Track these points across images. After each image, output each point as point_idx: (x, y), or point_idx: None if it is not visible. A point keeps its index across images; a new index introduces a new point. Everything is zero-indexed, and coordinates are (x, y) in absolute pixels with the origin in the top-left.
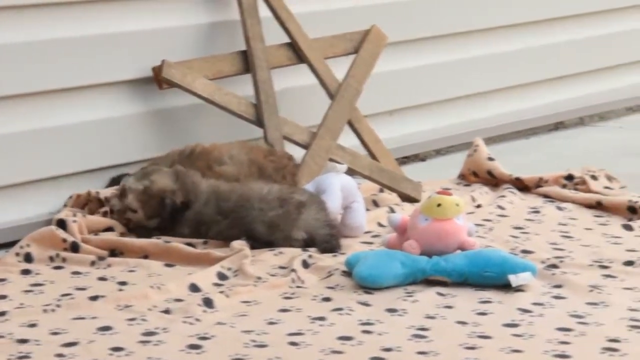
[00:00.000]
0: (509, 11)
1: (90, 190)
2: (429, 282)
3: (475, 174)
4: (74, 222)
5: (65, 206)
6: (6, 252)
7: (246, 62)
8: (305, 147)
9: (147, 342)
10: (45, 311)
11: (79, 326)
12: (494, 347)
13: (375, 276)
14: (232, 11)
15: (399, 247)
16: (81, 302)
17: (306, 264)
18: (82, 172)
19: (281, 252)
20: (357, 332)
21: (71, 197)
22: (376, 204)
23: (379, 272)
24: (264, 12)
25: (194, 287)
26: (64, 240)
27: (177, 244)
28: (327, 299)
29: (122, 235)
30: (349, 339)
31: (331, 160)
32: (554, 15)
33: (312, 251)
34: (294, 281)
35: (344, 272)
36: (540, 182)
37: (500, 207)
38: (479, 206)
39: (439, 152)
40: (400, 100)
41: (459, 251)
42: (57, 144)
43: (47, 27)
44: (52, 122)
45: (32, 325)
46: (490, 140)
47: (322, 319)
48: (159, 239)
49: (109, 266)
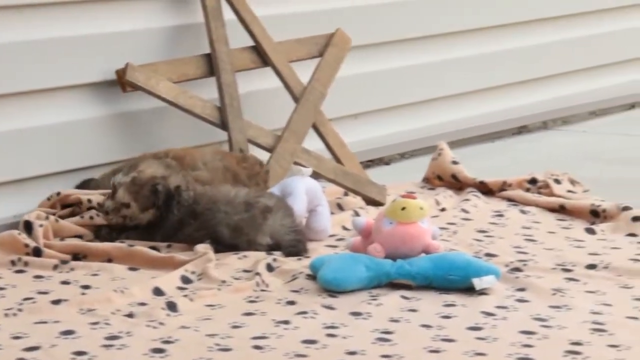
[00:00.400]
0: (472, 16)
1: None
2: (394, 286)
3: (439, 178)
4: (40, 226)
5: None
6: None
7: (210, 65)
8: (269, 150)
9: (110, 346)
10: (6, 315)
11: (41, 330)
12: (458, 350)
13: (339, 280)
14: (196, 14)
15: (363, 251)
16: (43, 306)
17: (271, 268)
18: (46, 175)
19: (245, 256)
20: (322, 335)
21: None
22: (341, 207)
23: (344, 276)
24: (229, 15)
25: (158, 291)
26: (26, 245)
27: (140, 247)
28: (291, 303)
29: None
30: (313, 342)
31: (296, 163)
32: (517, 19)
33: (277, 255)
34: (258, 285)
35: (308, 275)
36: (504, 186)
37: (464, 211)
38: (443, 210)
39: (403, 156)
40: (365, 103)
41: (423, 254)
42: (21, 146)
43: (10, 30)
44: (15, 124)
45: None
46: (454, 144)
47: (286, 322)
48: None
49: (72, 270)
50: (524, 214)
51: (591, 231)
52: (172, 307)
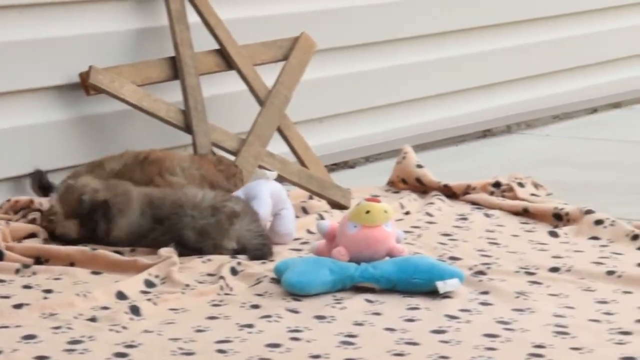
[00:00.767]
0: (436, 19)
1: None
2: (358, 289)
3: (404, 181)
4: None
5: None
6: None
7: (175, 69)
8: (234, 153)
9: (73, 350)
10: None
11: (2, 335)
12: (422, 353)
13: (303, 283)
14: (160, 17)
15: (327, 254)
16: (5, 311)
17: (235, 271)
18: (7, 179)
19: (210, 260)
20: (286, 339)
21: (9, 201)
22: (305, 211)
23: (308, 279)
24: (193, 18)
25: (121, 295)
26: None
27: (104, 251)
28: (255, 306)
29: (46, 242)
30: (277, 346)
31: (260, 167)
32: (481, 24)
33: (241, 258)
34: (222, 288)
35: (272, 279)
36: (468, 189)
37: (428, 214)
38: (408, 213)
39: (368, 160)
40: (329, 107)
41: (388, 258)
42: None
43: None
44: None
45: None
46: (419, 147)
47: (250, 326)
48: (85, 246)
49: (34, 274)
50: (488, 217)
51: (554, 234)
52: (135, 311)
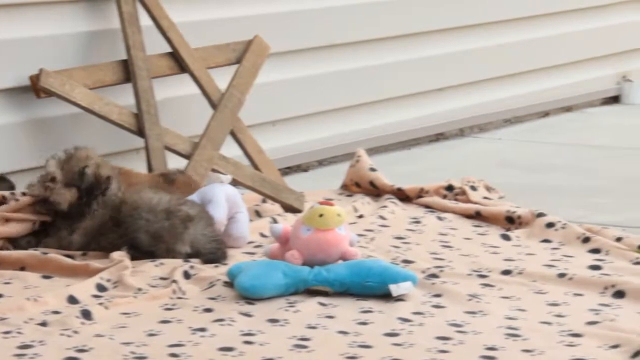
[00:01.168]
0: (389, 24)
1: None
2: (311, 292)
3: (357, 185)
4: None
5: None
6: None
7: (127, 72)
8: (187, 157)
9: (23, 355)
10: None
11: None
12: (375, 356)
13: (257, 286)
14: (112, 20)
15: (281, 258)
16: None
17: (187, 275)
18: None
19: (162, 263)
20: (239, 342)
21: None
22: (259, 214)
23: (261, 283)
24: (145, 21)
25: (72, 299)
26: None
27: (55, 255)
28: (208, 310)
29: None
30: (230, 349)
31: (213, 170)
32: (434, 28)
33: (194, 262)
34: (175, 292)
35: (225, 282)
36: (421, 193)
37: (381, 217)
38: (361, 216)
39: (321, 163)
40: (283, 110)
41: (341, 261)
42: None
43: None
44: None
45: None
46: (372, 150)
47: (203, 330)
48: (36, 250)
49: None
50: (441, 220)
51: (506, 237)
52: (86, 315)
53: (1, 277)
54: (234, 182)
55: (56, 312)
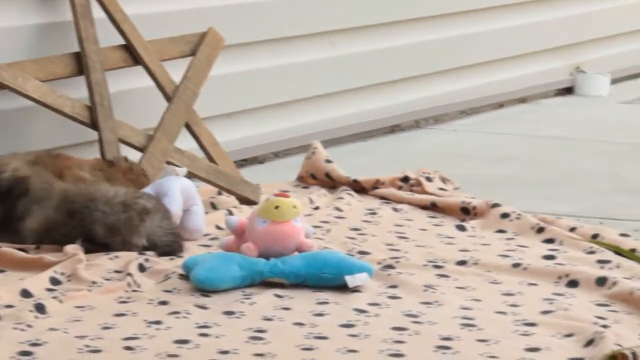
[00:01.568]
0: (346, 15)
1: None
2: (267, 284)
3: (313, 176)
4: None
5: None
6: None
7: (80, 64)
8: (141, 150)
9: None
10: None
11: None
12: (331, 347)
13: (212, 279)
14: (64, 12)
15: (236, 250)
16: None
17: (143, 268)
18: None
19: (117, 257)
20: (194, 335)
21: None
22: (214, 206)
23: (217, 275)
24: (98, 13)
25: (26, 293)
26: None
27: (8, 248)
28: (163, 303)
29: None
30: (185, 342)
31: (168, 163)
32: (389, 19)
33: (149, 255)
34: (129, 285)
35: (181, 275)
36: (377, 184)
37: (337, 209)
38: (317, 208)
39: (277, 155)
40: (238, 103)
41: (297, 253)
42: None
43: None
44: None
45: None
46: (328, 142)
47: (158, 322)
48: None
49: None
50: (397, 211)
51: (461, 228)
52: (40, 309)
53: None
54: (189, 175)
55: (9, 306)
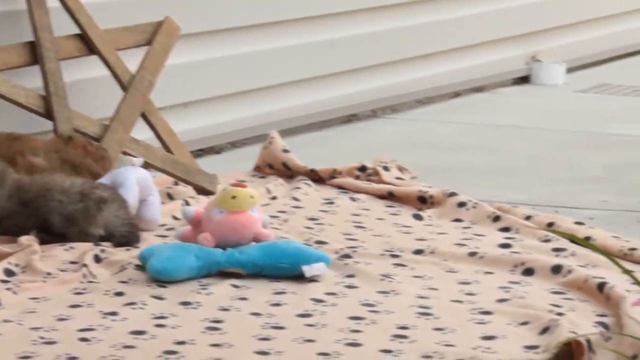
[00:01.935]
0: (299, 5)
1: None
2: (224, 275)
3: (270, 166)
4: None
5: None
6: None
7: (34, 53)
8: (97, 140)
9: None
10: None
11: None
12: (288, 337)
13: (169, 269)
14: (18, 1)
15: (193, 240)
16: None
17: (98, 259)
18: None
19: (72, 247)
20: (150, 326)
21: None
22: (171, 196)
23: (173, 266)
24: (53, 2)
25: None
26: None
27: None
28: (119, 294)
29: None
30: (141, 333)
31: (124, 153)
32: (344, 9)
33: (105, 246)
34: (85, 276)
35: (137, 266)
36: (334, 174)
37: (295, 199)
38: (274, 198)
39: (234, 145)
40: (194, 92)
41: (254, 243)
42: None
43: None
44: None
45: None
46: (285, 132)
47: (114, 313)
48: None
49: None
50: (354, 201)
51: (418, 217)
52: None
53: None
54: (146, 165)
55: None
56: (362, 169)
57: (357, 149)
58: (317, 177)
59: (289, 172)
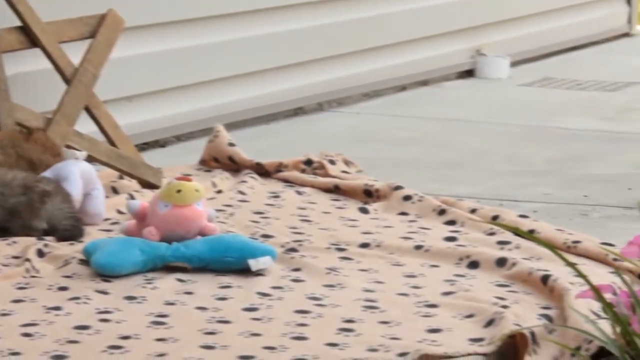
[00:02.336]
0: None
1: None
2: (169, 269)
3: (216, 160)
4: None
5: None
6: None
7: None
8: None
9: None
10: None
11: None
12: (233, 331)
13: (113, 264)
14: None
15: (138, 234)
16: None
17: (41, 253)
18: None
19: (15, 242)
20: (95, 320)
21: None
22: (115, 190)
23: (118, 260)
24: None
25: None
26: None
27: None
28: (63, 288)
29: None
30: (85, 327)
31: (68, 147)
32: (294, 2)
33: (49, 240)
34: (28, 271)
35: (81, 260)
36: (280, 167)
37: (241, 193)
38: (220, 192)
39: (179, 138)
40: (139, 85)
41: (200, 237)
42: None
43: None
44: None
45: None
46: (231, 126)
47: (57, 308)
48: None
49: None
50: (300, 194)
51: (364, 210)
52: None
53: None
54: (90, 159)
55: None
56: (308, 162)
57: (303, 142)
58: (263, 171)
59: (234, 166)
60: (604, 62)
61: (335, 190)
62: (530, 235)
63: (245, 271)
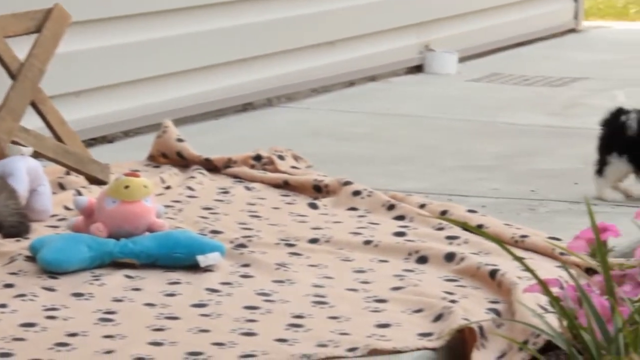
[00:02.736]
0: None
1: None
2: (117, 265)
3: (164, 155)
4: None
5: None
6: None
7: None
8: None
9: None
10: None
11: None
12: (182, 327)
13: (60, 260)
14: None
15: (85, 231)
16: None
17: None
18: None
19: None
20: (41, 318)
21: None
22: (62, 186)
23: (64, 256)
24: None
25: None
26: None
27: None
28: (9, 285)
29: None
30: (32, 325)
31: (14, 142)
32: None
33: None
34: None
35: (27, 257)
36: (229, 163)
37: (189, 188)
38: (169, 187)
39: (127, 134)
40: (86, 80)
41: (148, 233)
42: None
43: None
44: None
45: None
46: (179, 121)
47: (3, 306)
48: None
49: None
50: (249, 190)
51: (314, 206)
52: None
53: None
54: (36, 155)
55: None
56: (258, 158)
57: (252, 137)
58: (212, 167)
59: (183, 162)
60: (551, 57)
61: (284, 185)
62: (478, 230)
63: (194, 267)
